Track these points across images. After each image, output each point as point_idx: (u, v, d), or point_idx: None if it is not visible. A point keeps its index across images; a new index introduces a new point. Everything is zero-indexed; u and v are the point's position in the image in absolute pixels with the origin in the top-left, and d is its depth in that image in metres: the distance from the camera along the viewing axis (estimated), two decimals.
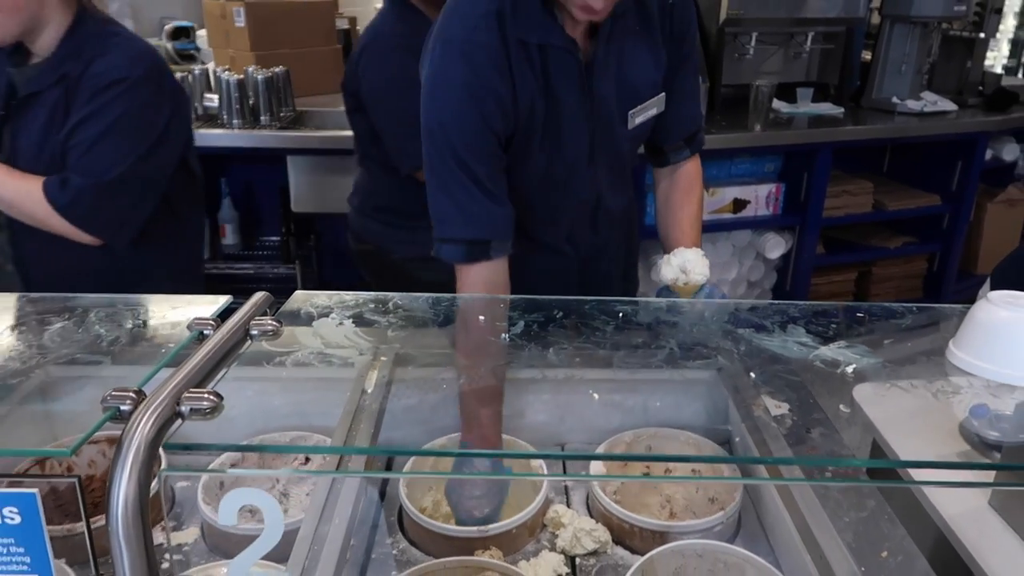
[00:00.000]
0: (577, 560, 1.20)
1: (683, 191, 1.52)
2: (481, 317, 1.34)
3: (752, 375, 1.19)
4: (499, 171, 1.35)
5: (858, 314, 1.02)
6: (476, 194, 1.31)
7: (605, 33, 1.33)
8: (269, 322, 0.71)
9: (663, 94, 1.44)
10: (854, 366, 0.89)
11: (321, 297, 0.98)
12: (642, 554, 1.18)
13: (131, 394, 0.57)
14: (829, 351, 0.91)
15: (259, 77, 3.08)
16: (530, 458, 1.34)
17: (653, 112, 1.43)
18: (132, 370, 0.68)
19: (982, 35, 3.67)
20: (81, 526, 1.10)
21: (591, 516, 1.28)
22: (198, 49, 4.85)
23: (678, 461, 1.41)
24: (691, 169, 1.54)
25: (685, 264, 1.35)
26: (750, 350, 0.99)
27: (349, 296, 1.00)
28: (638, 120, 1.42)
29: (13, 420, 1.13)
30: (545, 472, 1.27)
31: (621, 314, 1.09)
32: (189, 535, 1.24)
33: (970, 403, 0.94)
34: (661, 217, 1.55)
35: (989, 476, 1.08)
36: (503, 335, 1.07)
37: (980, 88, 3.76)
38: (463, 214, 1.32)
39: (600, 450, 1.36)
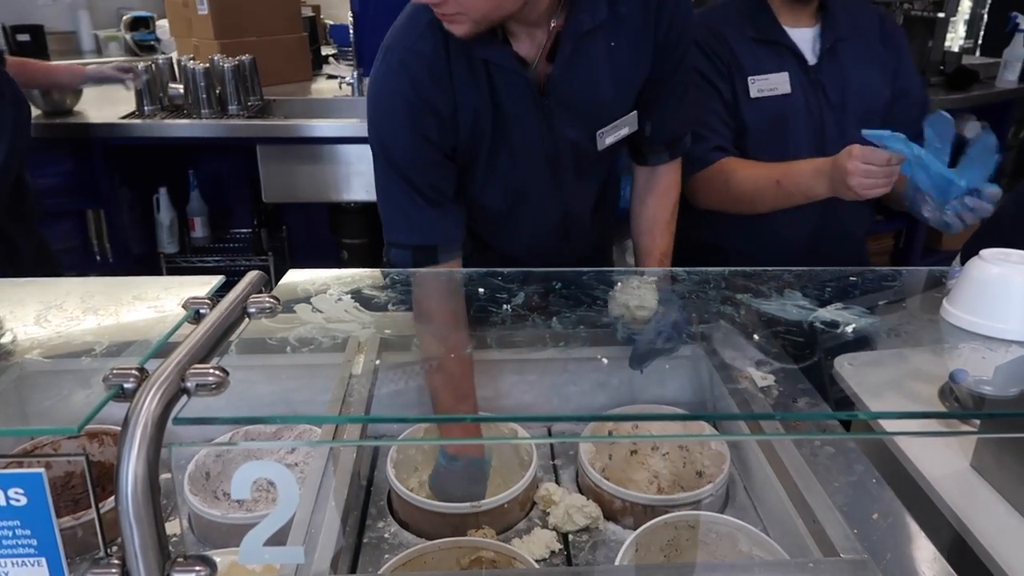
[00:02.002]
0: (570, 537, 1.21)
1: (660, 194, 1.48)
2: (445, 301, 1.32)
3: (739, 345, 1.20)
4: (444, 178, 1.31)
5: (851, 278, 1.04)
6: (419, 202, 1.28)
7: (566, 53, 1.25)
8: (267, 299, 0.70)
9: (634, 113, 1.37)
10: (853, 326, 0.91)
11: (316, 275, 0.97)
12: (632, 529, 1.19)
13: (134, 372, 0.56)
14: (827, 313, 0.92)
15: (226, 66, 3.03)
16: (511, 421, 1.35)
17: (625, 131, 1.38)
18: (133, 349, 0.67)
19: (942, 15, 3.73)
20: (67, 521, 1.08)
21: (581, 493, 1.29)
22: (158, 40, 4.75)
23: (659, 420, 1.40)
24: (670, 172, 1.49)
25: (628, 300, 1.28)
26: (744, 319, 1.00)
27: (346, 273, 0.99)
28: (608, 140, 1.36)
29: (21, 403, 1.10)
30: (534, 457, 1.28)
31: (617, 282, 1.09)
32: (176, 526, 1.23)
33: (956, 364, 0.97)
34: (635, 217, 1.51)
35: (965, 430, 1.11)
36: (506, 306, 1.06)
37: (941, 67, 3.82)
38: (408, 221, 1.30)
39: (587, 428, 1.37)
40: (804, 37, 1.63)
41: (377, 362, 1.17)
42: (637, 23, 1.28)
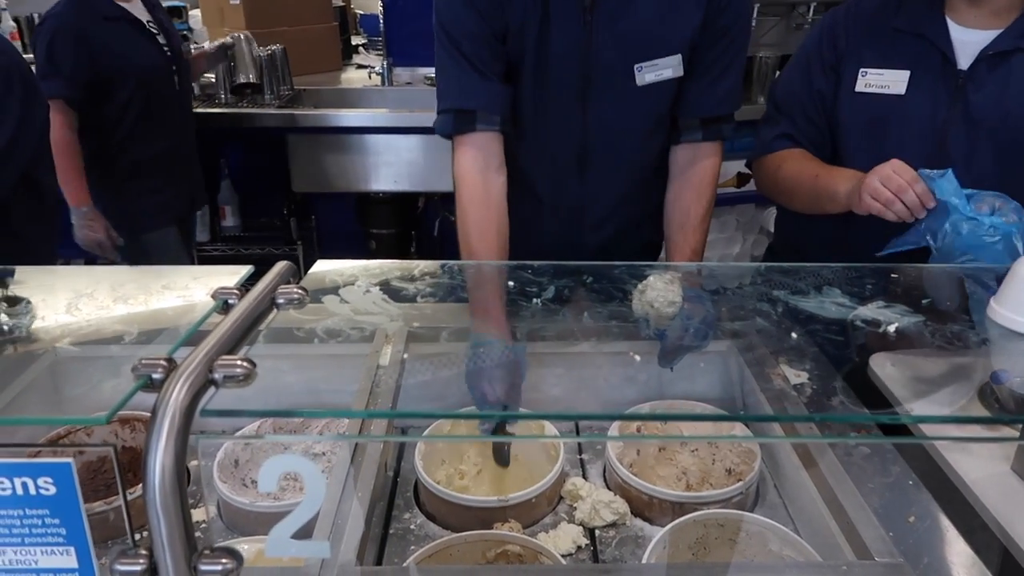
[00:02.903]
0: (596, 532, 1.20)
1: (695, 189, 1.45)
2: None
3: (773, 341, 1.18)
4: (493, 55, 1.38)
5: (892, 275, 1.01)
6: (466, 69, 1.37)
7: None
8: (295, 290, 0.70)
9: (679, 56, 1.37)
10: (894, 325, 0.88)
11: (344, 266, 0.96)
12: (660, 526, 1.18)
13: (162, 362, 0.55)
14: (868, 311, 0.90)
15: (258, 55, 3.04)
16: (539, 418, 1.33)
17: (668, 74, 1.38)
18: (163, 339, 0.67)
19: None
20: (99, 506, 1.10)
21: (608, 488, 1.27)
22: (190, 29, 4.79)
23: (690, 420, 1.38)
24: (709, 166, 1.45)
25: (653, 298, 1.23)
26: (778, 315, 0.98)
27: (374, 264, 0.99)
28: (648, 78, 1.37)
29: (52, 390, 1.12)
30: (561, 452, 1.27)
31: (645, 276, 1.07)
32: (202, 514, 1.24)
33: (999, 365, 0.94)
34: (668, 211, 1.49)
35: (1008, 434, 1.08)
36: (535, 300, 1.05)
37: None
38: (451, 86, 1.41)
39: (615, 424, 1.36)
40: (970, 38, 1.37)
41: (405, 356, 1.17)
42: None
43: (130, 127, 2.29)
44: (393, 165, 2.94)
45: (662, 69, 1.37)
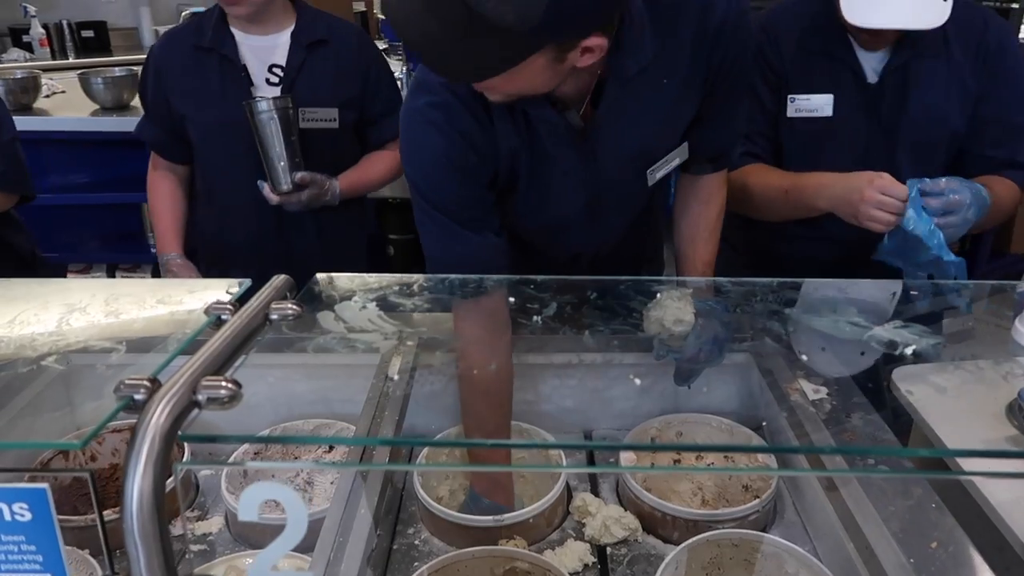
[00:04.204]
0: (608, 549, 1.17)
1: (703, 201, 1.40)
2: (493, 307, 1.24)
3: (790, 357, 1.14)
4: (483, 211, 1.24)
5: (911, 292, 0.97)
6: (455, 230, 1.21)
7: (609, 100, 1.16)
8: (290, 306, 0.68)
9: (685, 144, 1.30)
10: (912, 347, 0.85)
11: (342, 279, 0.94)
12: (674, 543, 1.14)
13: (145, 382, 0.54)
14: (884, 332, 0.86)
15: None
16: (548, 448, 1.31)
17: (676, 162, 1.31)
18: (151, 357, 0.66)
19: (1016, 5, 3.55)
20: (87, 520, 1.08)
21: (620, 504, 1.24)
22: None
23: (708, 451, 1.36)
24: (715, 179, 1.41)
25: (663, 316, 1.21)
26: (794, 331, 0.94)
27: (372, 278, 0.97)
28: (659, 175, 1.30)
29: (37, 408, 1.12)
30: (564, 460, 1.24)
31: (657, 294, 1.04)
32: (213, 524, 1.23)
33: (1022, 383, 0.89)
34: (677, 224, 1.44)
35: None
36: (535, 317, 1.02)
37: None
38: (438, 247, 1.24)
39: (629, 437, 1.33)
40: (872, 55, 1.50)
41: (395, 378, 1.15)
42: (687, 54, 1.17)
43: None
44: None
45: (671, 161, 1.29)
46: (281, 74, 1.80)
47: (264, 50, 1.80)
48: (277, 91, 1.78)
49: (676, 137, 1.29)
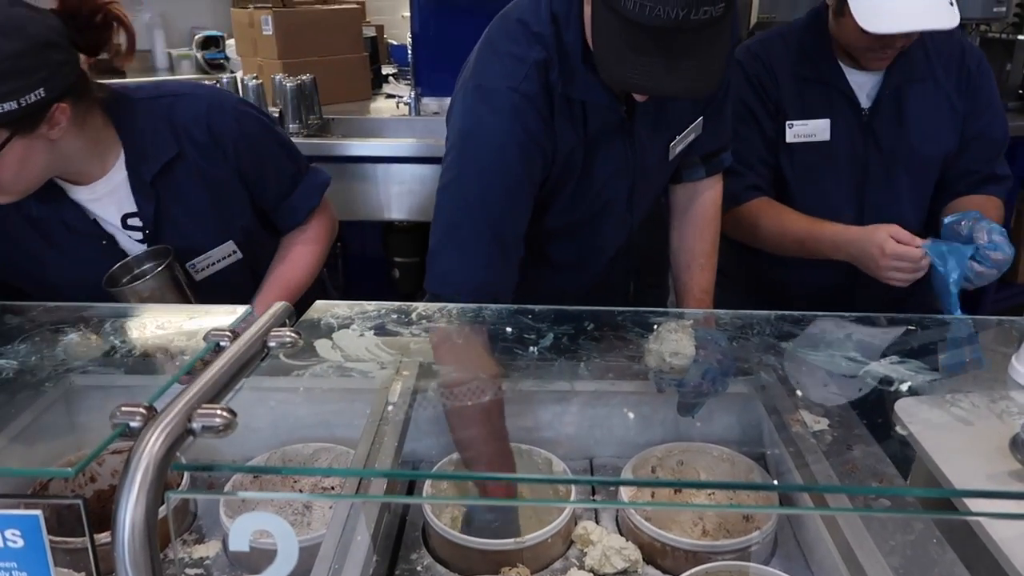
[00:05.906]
0: None
1: (698, 225, 1.44)
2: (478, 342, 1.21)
3: (791, 388, 1.14)
4: (524, 230, 1.27)
5: (909, 327, 0.97)
6: (495, 254, 1.23)
7: None
8: (288, 334, 0.68)
9: (701, 118, 1.37)
10: (908, 383, 0.84)
11: (342, 307, 0.95)
12: (674, 574, 1.13)
13: (141, 410, 0.54)
14: (880, 367, 0.86)
15: (287, 85, 3.08)
16: (554, 483, 1.30)
17: (691, 137, 1.37)
18: (151, 379, 0.66)
19: (1022, 36, 3.56)
20: (102, 538, 1.08)
21: (621, 533, 1.23)
22: (227, 58, 4.89)
23: (709, 488, 1.35)
24: (709, 201, 1.45)
25: (662, 350, 1.22)
26: (793, 364, 0.94)
27: (371, 306, 0.97)
28: (678, 149, 1.36)
29: (37, 431, 1.12)
30: (572, 494, 1.23)
31: (655, 325, 1.04)
32: (211, 548, 1.22)
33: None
34: (673, 251, 1.47)
35: None
36: (533, 348, 1.02)
37: (1020, 92, 3.65)
38: (472, 269, 1.26)
39: (629, 465, 1.32)
40: (863, 80, 1.55)
41: (390, 408, 1.14)
42: None
43: None
44: (417, 194, 2.94)
45: (688, 135, 1.36)
46: (140, 223, 1.32)
47: (97, 202, 1.29)
48: (144, 247, 1.32)
49: (697, 108, 1.35)
